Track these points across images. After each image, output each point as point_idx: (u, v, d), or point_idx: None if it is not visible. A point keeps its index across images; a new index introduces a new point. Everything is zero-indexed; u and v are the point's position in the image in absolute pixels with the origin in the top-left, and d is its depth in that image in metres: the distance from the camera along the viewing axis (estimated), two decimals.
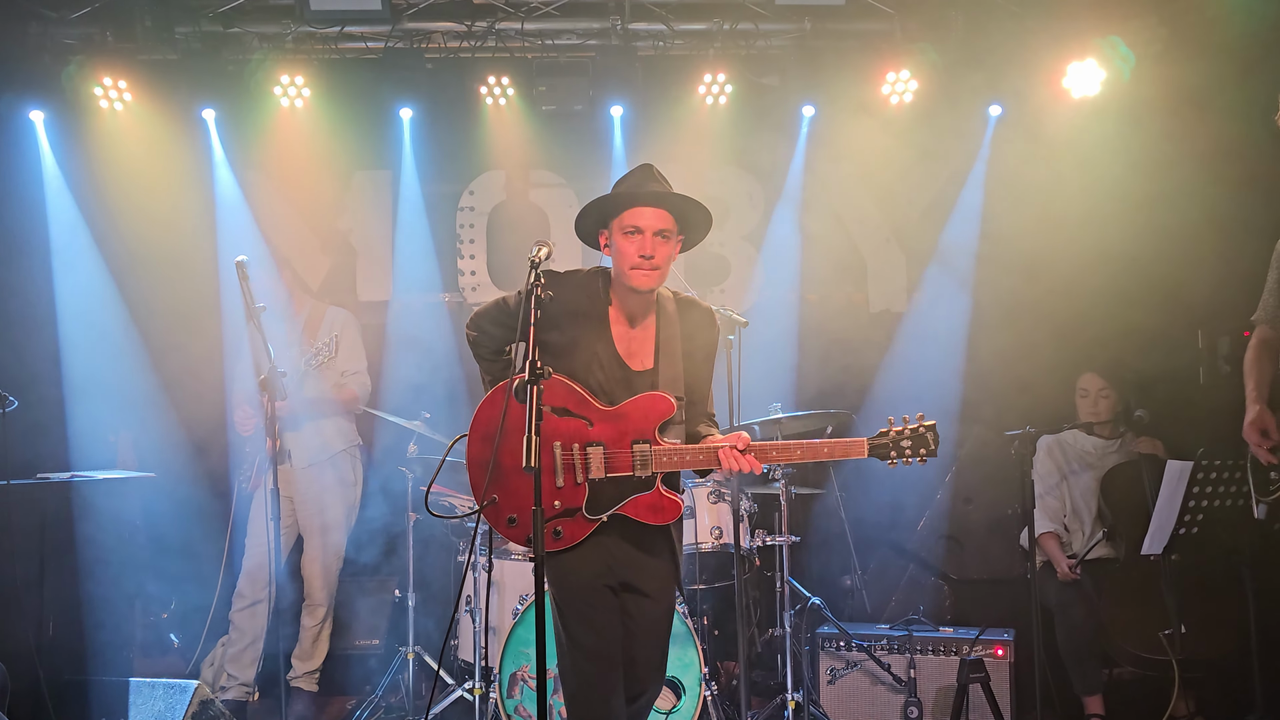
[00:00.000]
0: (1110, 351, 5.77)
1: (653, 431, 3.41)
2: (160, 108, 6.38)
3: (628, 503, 3.45)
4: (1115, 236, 6.05)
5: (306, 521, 5.64)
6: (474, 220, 6.96)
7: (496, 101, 6.59)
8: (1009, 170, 6.49)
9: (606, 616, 3.57)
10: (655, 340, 3.57)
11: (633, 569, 3.58)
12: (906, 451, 3.44)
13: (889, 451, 3.46)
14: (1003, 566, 6.19)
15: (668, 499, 3.45)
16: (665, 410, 3.42)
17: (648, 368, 3.56)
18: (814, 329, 6.83)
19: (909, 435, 3.45)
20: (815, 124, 6.64)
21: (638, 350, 3.58)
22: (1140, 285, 5.98)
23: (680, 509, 3.48)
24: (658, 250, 3.46)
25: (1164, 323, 5.99)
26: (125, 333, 6.36)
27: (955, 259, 6.66)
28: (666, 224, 3.49)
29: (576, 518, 3.48)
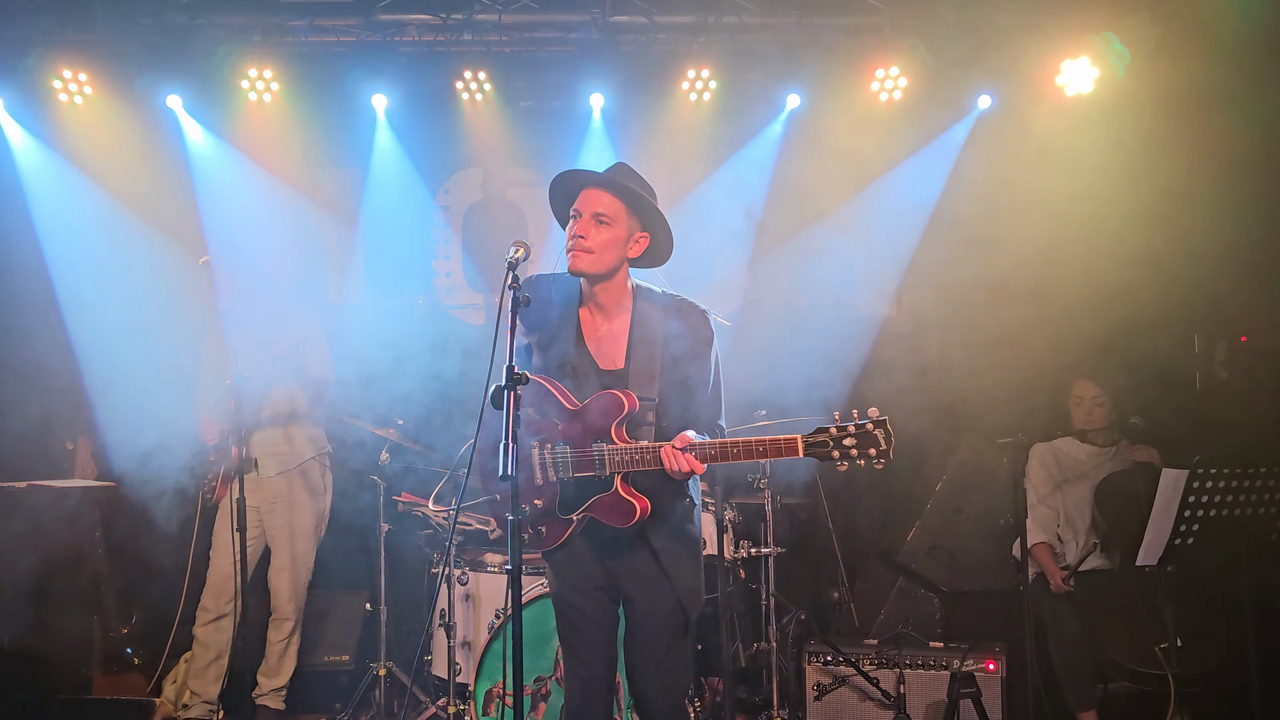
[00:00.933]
0: (1105, 357, 5.80)
1: (611, 430, 3.41)
2: (122, 101, 6.35)
3: (590, 503, 3.46)
4: (1110, 239, 6.08)
5: (274, 532, 5.61)
6: (450, 219, 6.95)
7: (473, 96, 6.58)
8: (1000, 170, 6.51)
9: (592, 621, 3.58)
10: (628, 339, 3.57)
11: (623, 573, 3.58)
12: (852, 452, 3.17)
13: (830, 451, 3.18)
14: (994, 578, 6.20)
15: (628, 500, 3.40)
16: (618, 407, 3.40)
17: (618, 367, 3.56)
18: (800, 333, 6.83)
19: (854, 434, 3.19)
20: (802, 121, 6.66)
21: (608, 350, 3.58)
22: (1136, 289, 6.01)
23: (637, 511, 3.38)
24: (591, 233, 3.48)
25: (1160, 327, 6.03)
26: (83, 334, 6.30)
27: (945, 261, 6.68)
28: (604, 208, 3.50)
29: (554, 518, 3.50)
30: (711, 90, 6.56)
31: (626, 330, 3.58)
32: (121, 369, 6.21)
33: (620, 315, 3.60)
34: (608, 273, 3.53)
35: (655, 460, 3.34)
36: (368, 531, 6.11)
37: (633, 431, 3.45)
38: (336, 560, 6.14)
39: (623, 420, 3.42)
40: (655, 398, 3.51)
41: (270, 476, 5.58)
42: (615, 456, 3.39)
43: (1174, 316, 6.03)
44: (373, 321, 6.87)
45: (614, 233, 3.50)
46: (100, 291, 6.44)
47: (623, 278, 3.61)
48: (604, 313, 3.60)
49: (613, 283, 3.57)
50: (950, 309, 6.69)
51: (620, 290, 3.60)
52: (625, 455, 3.38)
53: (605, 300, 3.59)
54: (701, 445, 3.30)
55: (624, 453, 3.38)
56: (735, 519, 5.45)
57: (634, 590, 3.58)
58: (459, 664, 5.31)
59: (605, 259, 3.50)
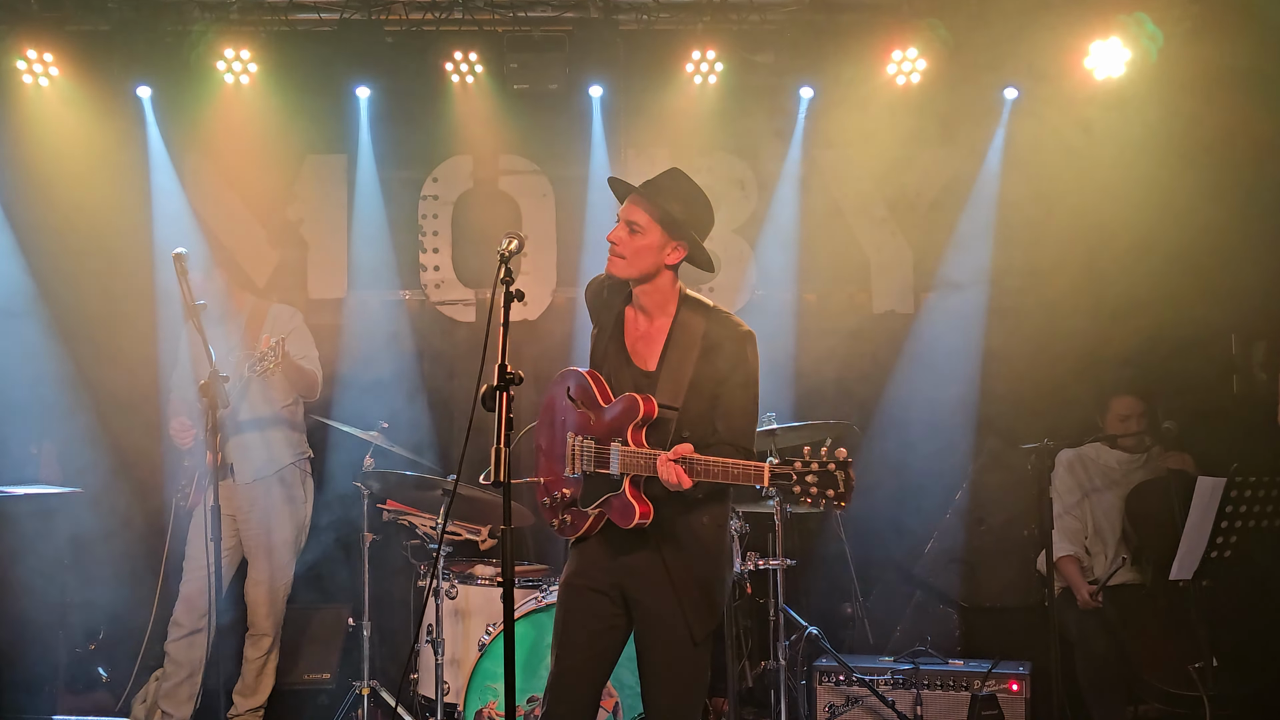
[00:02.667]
0: (1136, 356, 5.81)
1: (628, 432, 3.59)
2: (90, 83, 6.35)
3: (603, 500, 3.65)
4: (1142, 231, 6.09)
5: (251, 542, 5.61)
6: (438, 210, 6.94)
7: (463, 79, 6.58)
8: (1026, 158, 6.51)
9: (579, 615, 3.73)
10: (665, 344, 3.77)
11: (632, 578, 3.73)
12: (812, 490, 3.23)
13: (792, 485, 3.25)
14: (1018, 593, 6.21)
15: (631, 503, 3.57)
16: (634, 410, 3.59)
17: (649, 369, 3.76)
18: (812, 331, 6.84)
19: (816, 471, 3.23)
20: (814, 106, 6.66)
21: (644, 350, 3.80)
22: (1169, 285, 6.02)
23: (636, 515, 3.55)
24: (623, 240, 3.73)
25: (1195, 326, 6.03)
26: (48, 333, 6.30)
27: (967, 255, 6.68)
28: (635, 216, 3.74)
29: (577, 509, 3.72)
30: (717, 73, 6.55)
31: (665, 334, 3.78)
32: (90, 368, 6.22)
33: (662, 319, 3.80)
34: (643, 277, 3.76)
35: (653, 468, 3.49)
36: (350, 542, 6.12)
37: (651, 437, 3.62)
38: (317, 572, 6.15)
39: (639, 424, 3.60)
40: (678, 407, 3.67)
41: (246, 483, 5.58)
42: (625, 458, 3.57)
43: (1209, 314, 6.03)
44: (356, 319, 6.89)
45: (646, 241, 3.73)
46: (67, 286, 6.44)
47: (666, 283, 3.80)
48: (646, 314, 3.82)
49: (654, 286, 3.79)
50: (970, 306, 6.69)
51: (664, 295, 3.80)
52: (632, 458, 3.55)
53: (647, 303, 3.81)
54: (691, 460, 3.43)
55: (632, 455, 3.56)
56: (742, 529, 5.45)
57: (639, 597, 3.73)
58: (447, 683, 5.31)
59: (638, 265, 3.73)
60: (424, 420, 6.61)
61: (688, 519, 3.70)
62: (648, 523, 3.57)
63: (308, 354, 5.64)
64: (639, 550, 3.70)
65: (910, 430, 6.81)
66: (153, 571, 5.70)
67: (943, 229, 6.78)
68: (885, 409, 6.75)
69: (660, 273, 3.76)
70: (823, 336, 6.79)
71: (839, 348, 6.70)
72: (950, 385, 6.75)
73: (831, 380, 6.67)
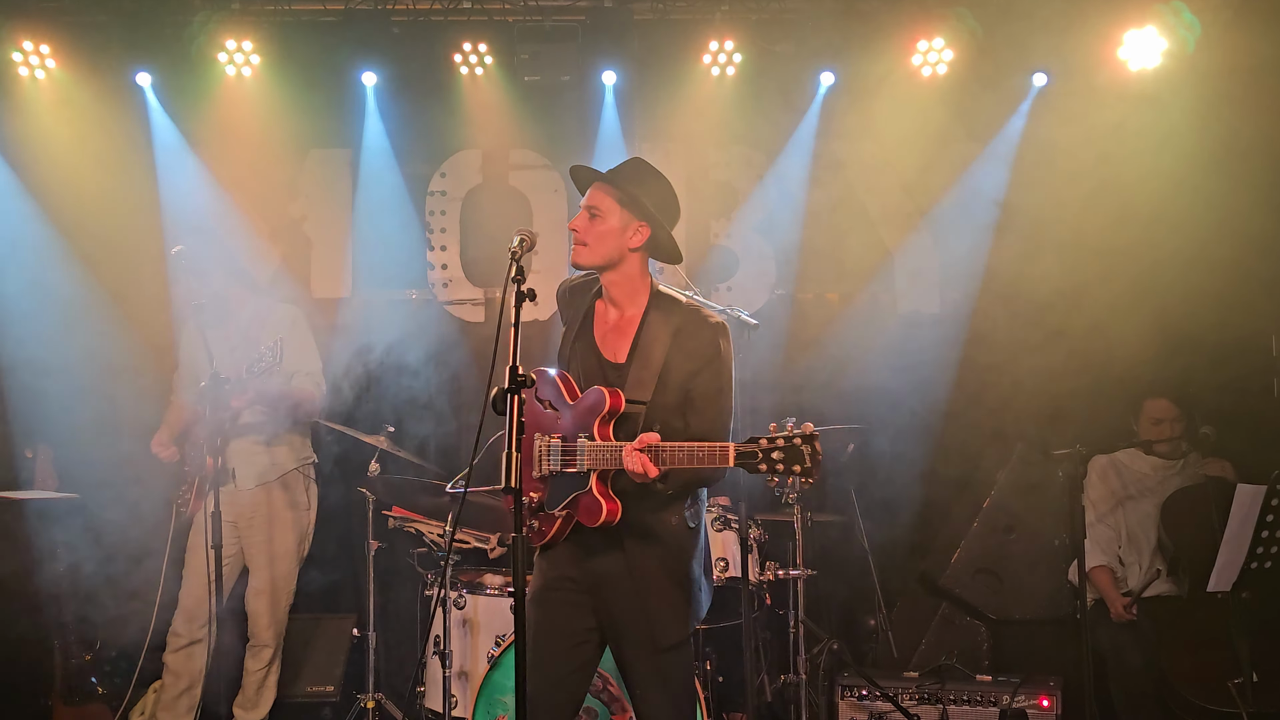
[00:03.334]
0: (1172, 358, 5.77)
1: (594, 426, 3.60)
2: (88, 76, 6.38)
3: (570, 499, 3.65)
4: (1178, 229, 6.06)
5: (252, 550, 5.61)
6: (446, 206, 6.95)
7: (473, 71, 6.58)
8: (1057, 153, 6.48)
9: (553, 639, 3.70)
10: (635, 336, 3.77)
11: (599, 583, 3.72)
12: (778, 466, 3.26)
13: (758, 463, 3.28)
14: (1048, 605, 6.18)
15: (598, 500, 3.58)
16: (600, 403, 3.60)
17: (619, 361, 3.76)
18: (835, 333, 6.82)
19: (781, 447, 3.27)
20: (836, 98, 6.65)
21: (614, 342, 3.80)
22: (1206, 284, 5.99)
23: (604, 513, 3.55)
24: (583, 226, 3.76)
25: (1233, 327, 6.00)
26: (43, 332, 6.32)
27: (995, 254, 6.66)
28: (595, 200, 3.77)
29: (545, 514, 3.71)
30: (735, 64, 6.55)
31: (636, 326, 3.78)
32: (86, 370, 6.23)
33: (632, 310, 3.81)
34: (608, 263, 3.77)
35: (619, 460, 3.49)
36: (355, 550, 6.12)
37: (619, 432, 3.63)
38: (321, 581, 6.14)
39: (606, 417, 3.61)
40: (647, 400, 3.67)
41: (249, 488, 5.58)
42: (591, 452, 3.58)
43: (1248, 315, 6.00)
44: (361, 319, 6.88)
45: (608, 225, 3.74)
46: (63, 285, 6.45)
47: (634, 271, 3.81)
48: (616, 306, 3.83)
49: (622, 275, 3.80)
50: (1000, 306, 6.66)
51: (633, 284, 3.81)
52: (597, 452, 3.57)
53: (617, 294, 3.81)
54: (657, 447, 3.44)
55: (598, 449, 3.57)
56: (760, 537, 5.43)
57: (607, 605, 3.73)
58: (455, 696, 5.31)
59: (602, 250, 3.74)
60: (431, 424, 6.61)
61: (656, 519, 3.70)
62: (616, 520, 3.58)
63: (309, 367, 5.60)
64: (605, 555, 3.70)
65: (935, 435, 6.79)
66: (151, 580, 5.70)
67: (970, 226, 6.76)
68: (910, 413, 6.72)
69: (625, 258, 3.77)
70: (845, 338, 6.77)
71: (862, 349, 6.67)
72: (977, 388, 6.72)
73: (853, 383, 6.65)
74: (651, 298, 3.81)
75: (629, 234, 3.75)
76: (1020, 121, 6.64)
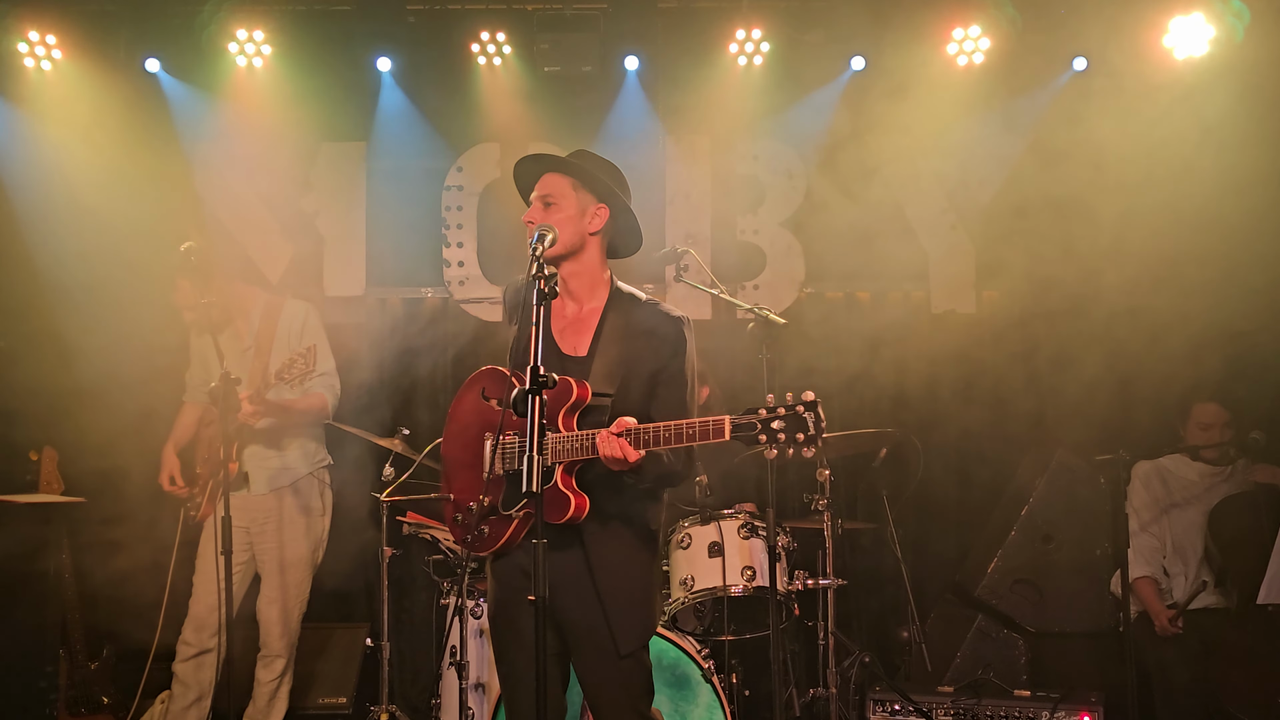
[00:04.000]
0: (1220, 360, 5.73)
1: (559, 418, 3.58)
2: (95, 66, 6.41)
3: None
4: (1226, 225, 6.02)
5: (264, 557, 5.61)
6: (462, 201, 6.95)
7: (490, 61, 6.59)
8: (1098, 146, 6.45)
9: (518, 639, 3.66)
10: (596, 330, 3.77)
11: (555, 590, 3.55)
12: (779, 436, 3.25)
13: (757, 434, 3.29)
14: (1089, 617, 6.15)
15: (564, 494, 3.54)
16: (565, 393, 3.58)
17: (580, 354, 3.75)
18: (865, 332, 6.80)
19: (783, 416, 3.27)
20: (867, 89, 6.62)
21: (573, 337, 3.79)
22: (1257, 282, 5.95)
23: (572, 506, 3.53)
24: (539, 217, 3.76)
25: None
26: (50, 330, 6.35)
27: (1035, 250, 6.61)
28: (548, 188, 3.80)
29: (497, 517, 3.67)
30: (763, 53, 6.54)
31: (596, 320, 3.79)
32: (94, 368, 6.25)
33: (591, 304, 3.82)
34: (569, 252, 3.76)
35: (593, 449, 3.47)
36: (368, 557, 6.13)
37: (584, 424, 3.62)
38: (333, 589, 6.16)
39: (571, 408, 3.60)
40: (613, 393, 3.67)
41: (262, 494, 5.59)
42: (556, 445, 3.54)
43: None
44: (375, 318, 6.91)
45: (565, 212, 3.75)
46: (69, 281, 6.47)
47: (594, 260, 3.82)
48: (575, 300, 3.82)
49: (582, 265, 3.80)
50: (1039, 305, 6.63)
51: (593, 276, 3.83)
52: (565, 443, 3.53)
53: (576, 285, 3.81)
54: (637, 430, 3.43)
55: (565, 440, 3.53)
56: (789, 545, 5.42)
57: (565, 610, 3.69)
58: (471, 709, 5.30)
59: (562, 239, 3.71)
60: None
61: (621, 516, 3.69)
62: (583, 515, 3.55)
63: (323, 368, 5.60)
64: (564, 553, 3.63)
65: (971, 440, 6.76)
66: (159, 587, 5.72)
67: (1007, 221, 6.72)
68: (944, 417, 6.70)
69: (585, 244, 3.78)
70: (876, 338, 6.75)
71: (894, 350, 6.65)
72: (1015, 391, 6.69)
73: (885, 386, 6.64)
74: (612, 292, 3.83)
75: (588, 217, 3.78)
76: (1061, 113, 6.60)
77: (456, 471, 3.84)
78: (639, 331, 3.73)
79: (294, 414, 5.52)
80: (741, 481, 5.89)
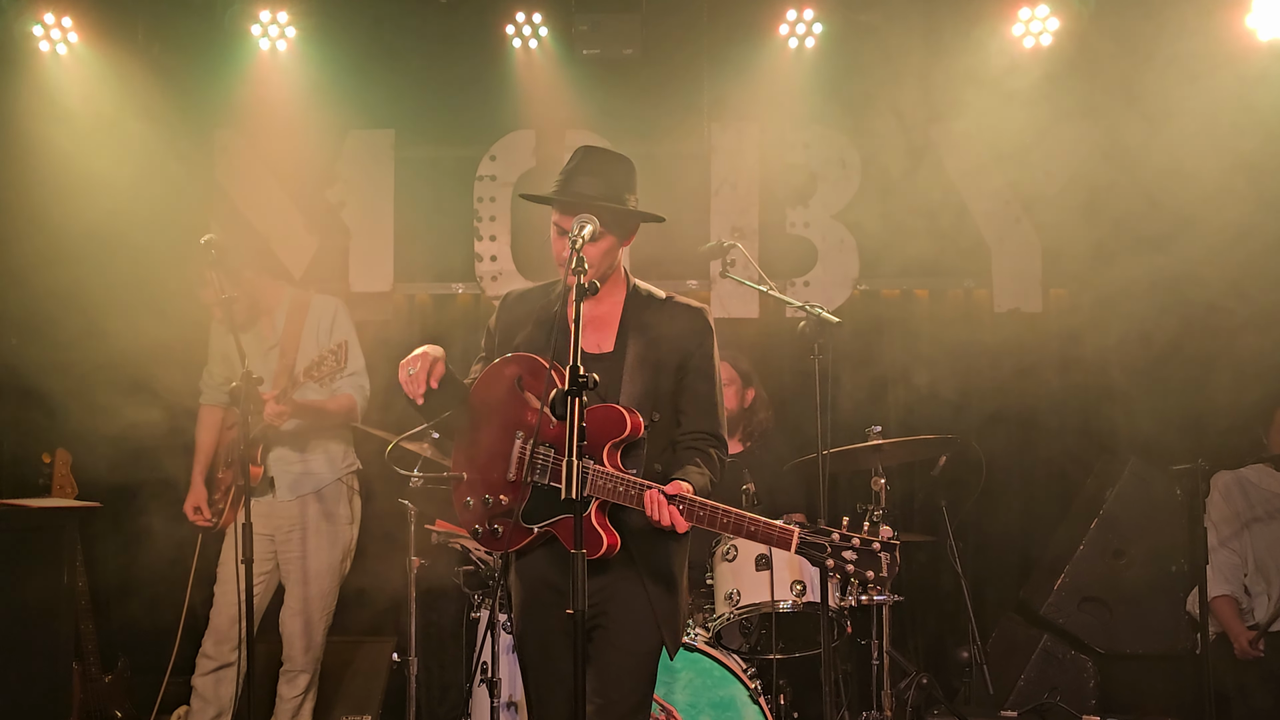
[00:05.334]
0: None
1: (604, 451, 3.59)
2: (112, 51, 6.50)
3: (557, 520, 3.65)
4: None
5: (288, 567, 5.65)
6: (495, 192, 6.99)
7: (526, 44, 6.64)
8: (1175, 132, 6.39)
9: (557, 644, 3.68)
10: (621, 324, 3.82)
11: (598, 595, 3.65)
12: (848, 568, 3.34)
13: (824, 557, 3.38)
14: (1164, 639, 6.11)
15: (596, 531, 3.57)
16: (619, 426, 3.60)
17: (606, 350, 3.79)
18: (924, 332, 6.80)
19: (857, 548, 3.34)
20: (926, 73, 6.59)
21: (595, 334, 3.83)
22: None
23: (604, 546, 3.57)
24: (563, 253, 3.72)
25: None
26: (63, 326, 6.43)
27: (1107, 246, 6.59)
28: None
29: (514, 522, 3.70)
30: (816, 35, 6.55)
31: (617, 316, 3.85)
32: (110, 367, 6.32)
33: (610, 299, 3.87)
34: (604, 275, 3.81)
35: (639, 500, 3.51)
36: (395, 567, 6.17)
37: (626, 456, 3.65)
38: (359, 601, 6.20)
39: (620, 443, 3.62)
40: (657, 418, 3.73)
41: (287, 501, 5.63)
42: (599, 481, 3.56)
43: None
44: (404, 315, 6.97)
45: (599, 248, 3.74)
46: (84, 276, 6.54)
47: (618, 268, 3.90)
48: (595, 300, 3.83)
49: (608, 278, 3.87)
50: (1110, 304, 6.59)
51: (614, 278, 3.89)
52: (610, 483, 3.56)
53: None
54: (693, 502, 3.48)
55: (610, 480, 3.56)
56: None
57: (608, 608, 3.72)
58: None
59: (600, 267, 3.76)
60: None
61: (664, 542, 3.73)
62: (614, 554, 3.60)
63: (352, 367, 5.61)
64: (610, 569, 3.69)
65: (1038, 449, 6.74)
66: (178, 597, 5.78)
67: (1077, 215, 6.69)
68: (1008, 423, 6.68)
69: (616, 265, 3.87)
70: (936, 338, 6.75)
71: (955, 351, 6.63)
72: (1085, 396, 6.66)
73: (945, 389, 6.61)
74: (630, 288, 3.90)
75: (621, 247, 3.85)
76: (1135, 98, 6.55)
77: (478, 453, 3.84)
78: (663, 324, 3.82)
79: (322, 415, 5.56)
80: (791, 490, 5.90)
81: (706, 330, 3.86)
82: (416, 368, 3.73)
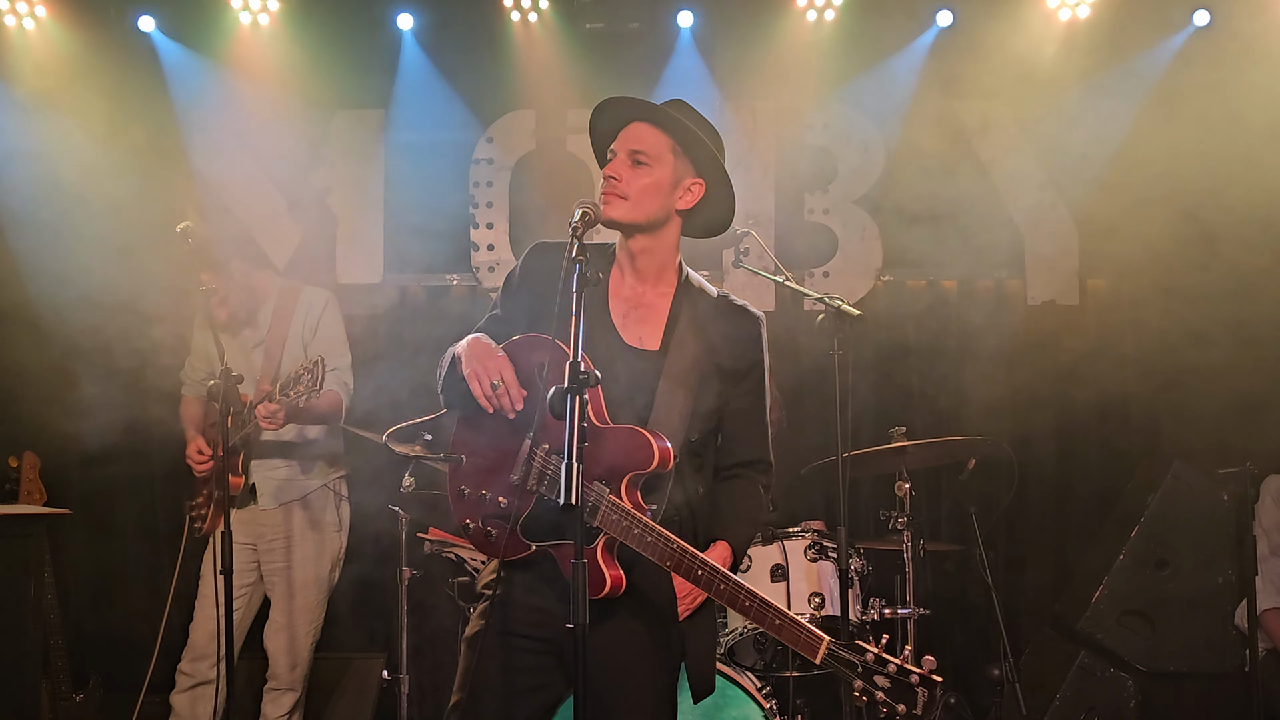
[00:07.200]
0: None
1: (622, 481, 3.38)
2: (82, 25, 6.53)
3: (559, 544, 3.43)
4: None
5: (272, 579, 5.66)
6: (493, 176, 7.01)
7: (525, 18, 6.65)
8: (1222, 113, 6.39)
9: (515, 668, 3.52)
10: (670, 320, 3.61)
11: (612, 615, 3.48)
12: (878, 694, 3.15)
13: (854, 671, 3.17)
14: (1210, 655, 6.11)
15: (598, 568, 3.36)
16: (645, 458, 3.36)
17: (649, 349, 3.58)
18: (952, 327, 6.80)
19: (892, 675, 3.15)
20: (955, 48, 6.63)
21: (637, 325, 3.61)
22: None
23: (607, 585, 3.35)
24: (625, 175, 3.55)
25: None
26: (31, 321, 6.44)
27: (1146, 234, 6.57)
28: (645, 146, 3.57)
29: (515, 535, 3.48)
30: (835, 7, 6.56)
31: (666, 309, 3.63)
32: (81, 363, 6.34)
33: (661, 288, 3.66)
34: (648, 224, 3.57)
35: (654, 549, 3.31)
36: (385, 578, 6.18)
37: (647, 493, 3.42)
38: (347, 615, 6.22)
39: (640, 478, 3.39)
40: (694, 438, 3.53)
41: (271, 509, 5.63)
42: (611, 514, 3.36)
43: None
44: (394, 308, 6.97)
45: (655, 176, 3.56)
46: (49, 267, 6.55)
47: (670, 240, 3.65)
48: (639, 277, 3.64)
49: (657, 241, 3.62)
50: (1152, 297, 6.58)
51: (664, 257, 3.65)
52: (627, 524, 3.35)
53: (644, 264, 3.63)
54: (715, 573, 3.27)
55: (624, 516, 3.35)
56: (863, 569, 5.42)
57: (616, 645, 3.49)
58: None
59: (645, 207, 3.55)
60: None
61: None
62: (619, 591, 3.37)
63: (337, 363, 5.60)
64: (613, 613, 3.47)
65: (1074, 451, 6.74)
66: (156, 609, 5.79)
67: (1115, 200, 6.68)
68: (1042, 423, 6.67)
69: (670, 220, 3.60)
70: (965, 332, 6.74)
71: (986, 347, 6.63)
72: (1124, 395, 6.64)
73: (975, 387, 6.62)
74: (681, 279, 3.67)
75: (680, 190, 3.59)
76: (1178, 76, 6.55)
77: (482, 440, 3.60)
78: (715, 327, 3.60)
79: (313, 415, 5.55)
80: (809, 495, 5.90)
81: (761, 345, 3.66)
82: (499, 379, 3.43)
